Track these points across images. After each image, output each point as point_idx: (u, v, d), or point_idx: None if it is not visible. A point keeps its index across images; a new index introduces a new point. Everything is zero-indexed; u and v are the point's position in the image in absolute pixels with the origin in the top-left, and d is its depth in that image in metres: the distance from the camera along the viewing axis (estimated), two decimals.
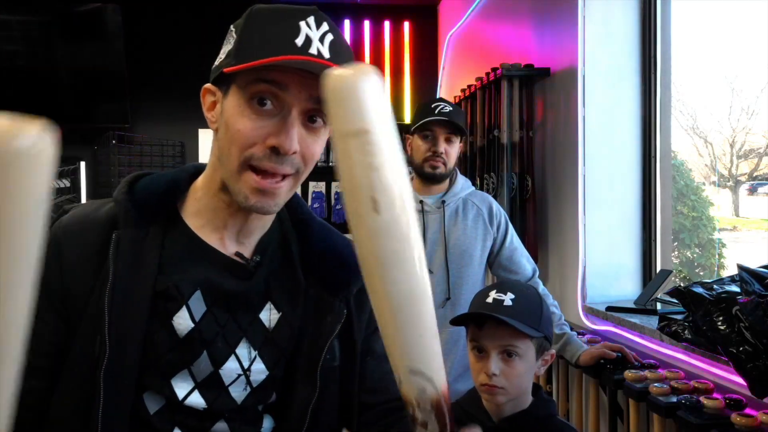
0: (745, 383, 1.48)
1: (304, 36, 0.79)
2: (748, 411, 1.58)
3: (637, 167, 2.58)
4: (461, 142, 2.13)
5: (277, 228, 0.94)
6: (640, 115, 2.57)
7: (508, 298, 1.26)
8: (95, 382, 0.78)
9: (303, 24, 0.79)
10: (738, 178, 4.11)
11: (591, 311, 2.48)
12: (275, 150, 0.79)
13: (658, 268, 2.51)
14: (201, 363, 0.83)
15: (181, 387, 0.83)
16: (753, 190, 4.06)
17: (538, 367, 1.31)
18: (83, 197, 4.82)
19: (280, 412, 0.90)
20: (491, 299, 1.27)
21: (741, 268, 1.62)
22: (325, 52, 0.80)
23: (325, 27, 0.81)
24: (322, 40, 0.80)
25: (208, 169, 0.89)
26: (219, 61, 0.85)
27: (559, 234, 2.81)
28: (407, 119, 5.02)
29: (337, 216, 4.82)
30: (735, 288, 1.61)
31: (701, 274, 4.22)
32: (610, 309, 2.32)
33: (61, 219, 0.87)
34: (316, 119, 0.82)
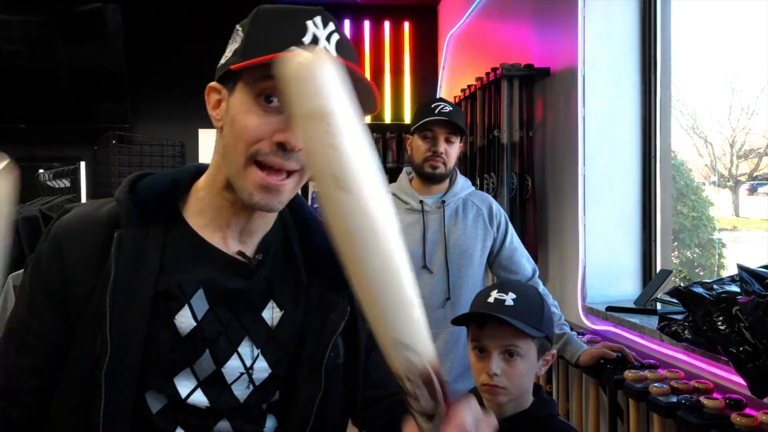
0: (745, 383, 1.48)
1: (312, 35, 0.80)
2: (748, 411, 1.58)
3: (637, 167, 2.58)
4: (461, 142, 2.13)
5: (279, 227, 0.94)
6: (640, 115, 2.57)
7: (510, 298, 1.26)
8: (97, 382, 0.78)
9: (310, 23, 0.80)
10: (738, 178, 4.11)
11: (591, 311, 2.48)
12: (282, 146, 0.79)
13: (658, 268, 2.51)
14: (203, 362, 0.83)
15: (184, 386, 0.83)
16: (753, 190, 4.06)
17: (539, 367, 1.31)
18: (83, 197, 4.82)
19: (283, 411, 0.90)
20: (493, 299, 1.27)
21: (741, 268, 1.62)
22: (332, 51, 0.81)
23: (331, 26, 0.82)
24: (328, 39, 0.81)
25: (211, 169, 0.89)
26: (225, 59, 0.85)
27: (559, 234, 2.81)
28: (407, 119, 5.03)
29: None
30: (735, 288, 1.61)
31: (701, 274, 4.21)
32: (610, 309, 2.32)
33: (62, 218, 0.87)
34: None
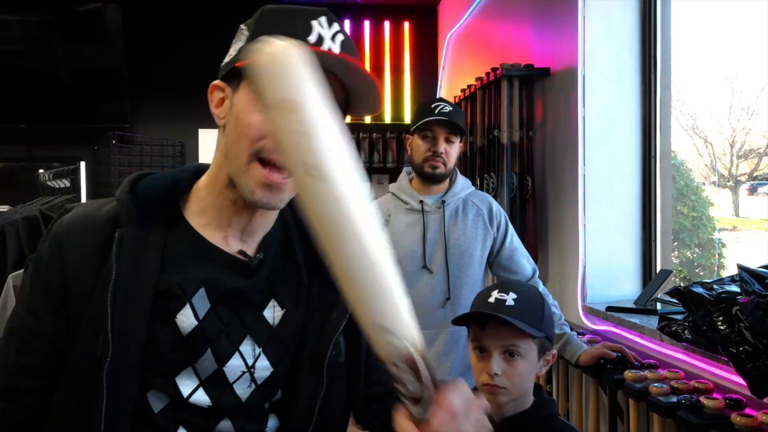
0: (745, 383, 1.48)
1: (317, 34, 0.81)
2: (748, 411, 1.58)
3: (637, 167, 2.58)
4: (461, 142, 2.14)
5: (280, 226, 0.94)
6: (640, 115, 2.57)
7: (511, 298, 1.26)
8: (98, 382, 0.79)
9: (315, 23, 0.82)
10: (738, 178, 4.11)
11: (591, 311, 2.48)
12: None
13: (658, 268, 2.51)
14: (205, 361, 0.83)
15: (186, 385, 0.83)
16: (753, 190, 4.06)
17: (539, 368, 1.31)
18: (83, 197, 4.82)
19: (285, 410, 0.90)
20: (493, 299, 1.27)
21: (741, 268, 1.62)
22: (337, 50, 0.82)
23: (336, 27, 0.83)
24: (333, 38, 0.82)
25: (212, 168, 0.89)
26: (229, 57, 0.86)
27: (559, 234, 2.81)
28: (407, 119, 5.02)
29: None
30: (735, 288, 1.61)
31: (701, 274, 4.21)
32: (610, 309, 2.32)
33: (63, 218, 0.87)
34: None
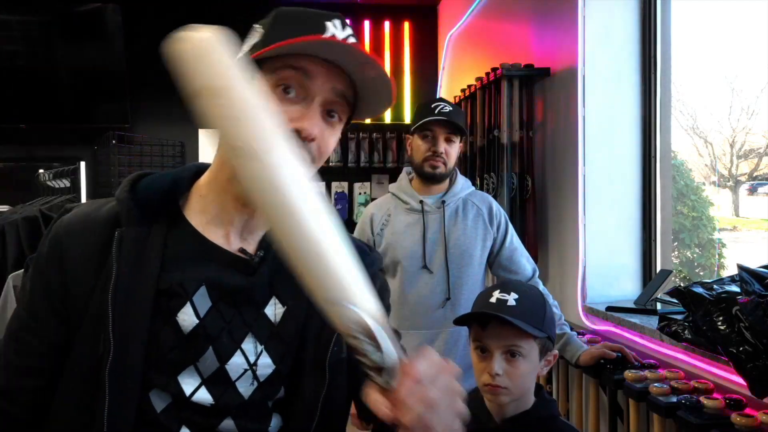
0: (745, 383, 1.48)
1: (331, 34, 0.83)
2: (748, 411, 1.58)
3: (637, 167, 2.59)
4: (461, 142, 2.14)
5: None
6: (640, 115, 2.58)
7: (512, 298, 1.26)
8: (100, 382, 0.78)
9: (329, 24, 0.84)
10: (738, 178, 4.11)
11: (591, 311, 2.48)
12: (296, 133, 0.81)
13: (658, 268, 2.51)
14: (207, 359, 0.83)
15: (188, 383, 0.83)
16: (753, 190, 4.06)
17: (541, 368, 1.31)
18: (83, 197, 4.82)
19: (288, 408, 0.90)
20: (495, 299, 1.27)
21: (741, 268, 1.62)
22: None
23: (348, 30, 0.85)
24: (346, 40, 0.84)
25: (213, 166, 0.90)
26: (242, 53, 0.86)
27: (559, 234, 2.81)
28: (407, 119, 5.02)
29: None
30: (735, 288, 1.61)
31: (701, 274, 4.22)
32: (610, 309, 2.32)
33: (63, 218, 0.87)
34: (334, 114, 0.86)
